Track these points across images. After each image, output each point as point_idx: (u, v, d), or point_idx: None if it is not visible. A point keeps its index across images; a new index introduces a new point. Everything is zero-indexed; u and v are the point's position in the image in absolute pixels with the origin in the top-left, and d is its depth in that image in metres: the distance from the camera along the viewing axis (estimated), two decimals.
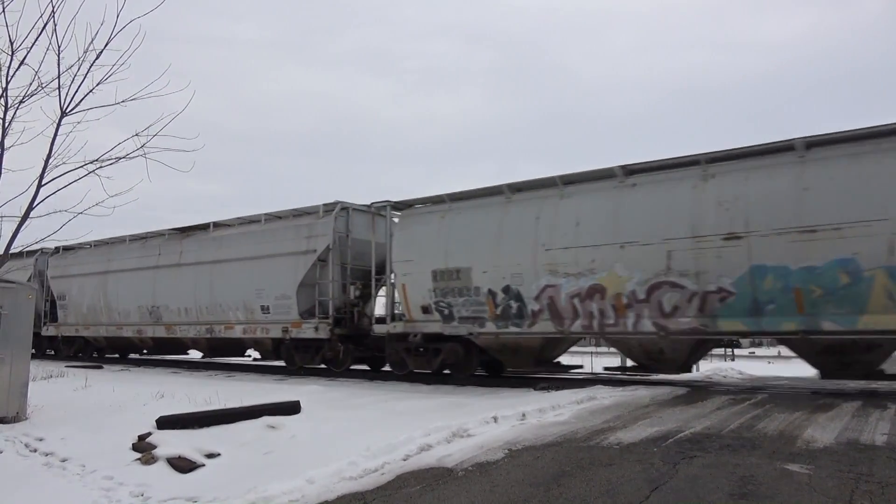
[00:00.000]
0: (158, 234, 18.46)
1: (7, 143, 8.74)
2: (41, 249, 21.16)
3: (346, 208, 14.31)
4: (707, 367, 14.85)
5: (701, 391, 9.78)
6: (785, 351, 24.85)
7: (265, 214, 15.79)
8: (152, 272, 17.68)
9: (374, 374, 14.65)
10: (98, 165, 8.75)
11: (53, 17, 8.18)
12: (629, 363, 12.09)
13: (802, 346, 9.80)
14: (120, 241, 19.53)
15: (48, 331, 21.47)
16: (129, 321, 18.53)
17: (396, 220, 13.90)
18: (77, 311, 20.38)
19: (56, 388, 12.24)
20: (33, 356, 22.08)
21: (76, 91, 8.64)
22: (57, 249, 21.52)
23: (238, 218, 16.51)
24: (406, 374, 13.84)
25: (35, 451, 7.96)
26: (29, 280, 19.55)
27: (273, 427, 7.61)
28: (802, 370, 11.92)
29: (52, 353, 22.76)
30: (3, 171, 8.84)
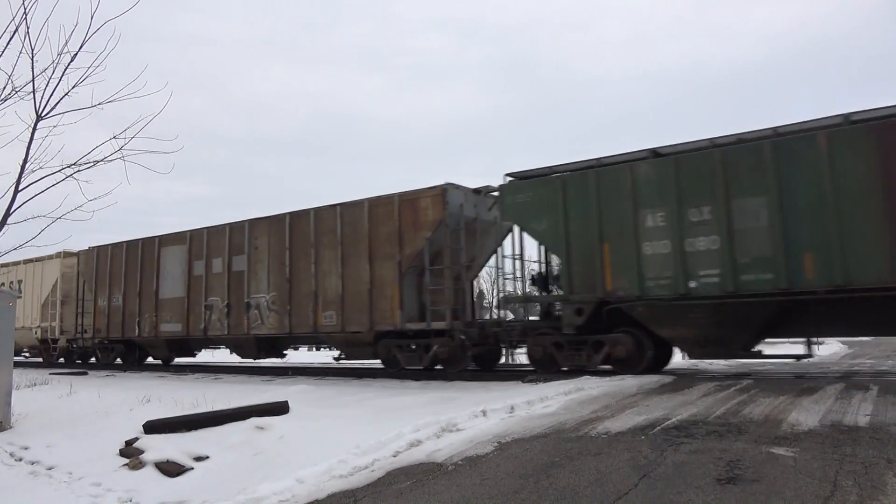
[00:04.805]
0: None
1: None
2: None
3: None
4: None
5: (687, 379, 9.87)
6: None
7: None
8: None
9: (363, 372, 14.57)
10: (76, 169, 8.66)
11: (26, 19, 8.07)
12: None
13: None
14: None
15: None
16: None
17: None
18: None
19: (40, 396, 12.10)
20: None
21: (51, 94, 8.54)
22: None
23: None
24: (396, 371, 13.78)
25: (20, 459, 7.88)
26: None
27: (261, 428, 7.58)
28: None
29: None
30: None
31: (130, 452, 7.23)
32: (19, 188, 8.69)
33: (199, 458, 6.77)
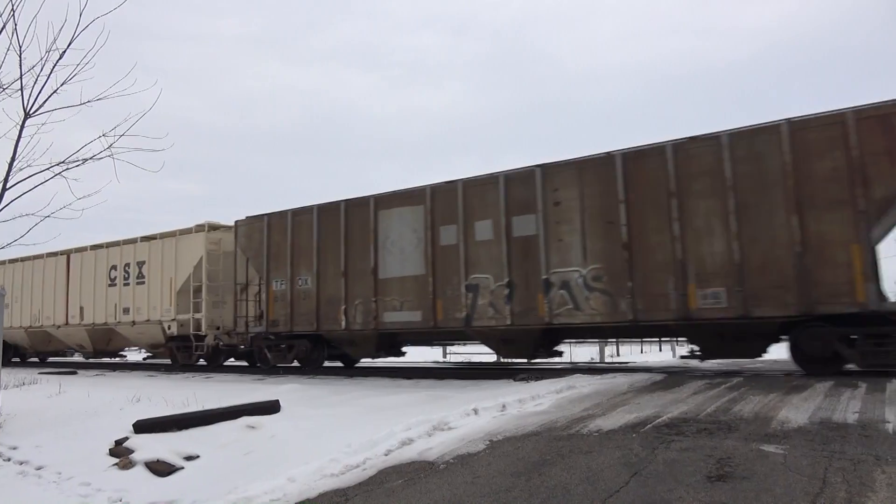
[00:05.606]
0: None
1: None
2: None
3: None
4: (684, 351, 14.88)
5: (677, 376, 9.91)
6: None
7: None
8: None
9: (352, 371, 14.47)
10: (65, 167, 8.59)
11: (13, 16, 7.99)
12: None
13: None
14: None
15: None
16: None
17: None
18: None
19: (29, 396, 12.01)
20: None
21: (40, 92, 8.47)
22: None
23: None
24: (387, 369, 13.75)
25: (9, 459, 7.83)
26: None
27: (252, 427, 7.56)
28: (776, 353, 12.10)
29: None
30: None
31: (120, 452, 7.19)
32: (7, 186, 8.62)
33: (189, 458, 6.74)
